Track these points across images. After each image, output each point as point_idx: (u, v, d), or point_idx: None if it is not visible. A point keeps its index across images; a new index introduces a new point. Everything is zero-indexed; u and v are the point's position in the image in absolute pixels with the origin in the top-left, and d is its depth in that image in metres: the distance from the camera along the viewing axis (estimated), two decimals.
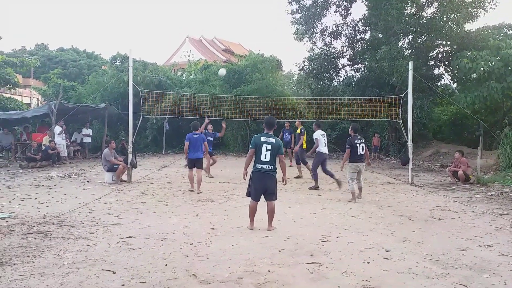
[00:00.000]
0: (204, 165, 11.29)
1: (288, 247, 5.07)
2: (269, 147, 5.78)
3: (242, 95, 17.34)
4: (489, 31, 16.69)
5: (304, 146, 11.86)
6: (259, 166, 5.80)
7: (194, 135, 9.48)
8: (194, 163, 9.44)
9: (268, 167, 5.76)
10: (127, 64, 12.12)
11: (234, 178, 11.44)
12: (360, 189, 8.63)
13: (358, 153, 8.32)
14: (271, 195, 5.89)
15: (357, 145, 8.32)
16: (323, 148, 9.92)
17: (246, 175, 6.04)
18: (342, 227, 6.20)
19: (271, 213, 5.94)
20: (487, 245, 5.27)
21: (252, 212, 6.00)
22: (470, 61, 14.14)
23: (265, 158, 5.76)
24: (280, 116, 17.34)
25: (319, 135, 9.90)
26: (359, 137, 8.47)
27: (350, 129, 8.70)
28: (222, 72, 17.48)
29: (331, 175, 9.88)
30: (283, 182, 6.15)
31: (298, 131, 11.81)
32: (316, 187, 9.96)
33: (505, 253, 4.94)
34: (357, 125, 8.82)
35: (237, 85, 20.42)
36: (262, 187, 5.83)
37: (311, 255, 4.79)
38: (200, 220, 6.53)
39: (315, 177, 10.02)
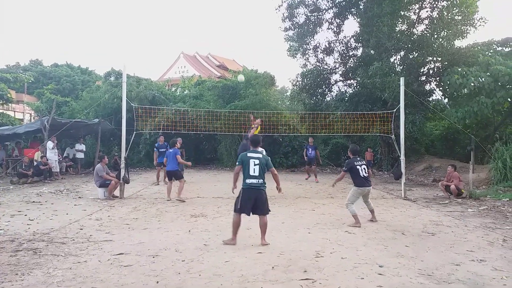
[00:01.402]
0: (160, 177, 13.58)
1: (282, 263, 5.03)
2: (257, 161, 5.89)
3: (236, 110, 17.38)
4: (479, 47, 16.99)
5: None
6: (249, 181, 5.85)
7: (169, 150, 10.73)
8: (171, 175, 10.62)
9: (258, 181, 5.82)
10: (121, 79, 12.16)
11: (228, 193, 11.34)
12: (372, 211, 7.90)
13: (362, 176, 7.57)
14: (262, 209, 5.91)
15: (358, 167, 7.60)
16: None
17: (236, 189, 6.15)
18: (336, 242, 6.17)
19: (263, 227, 5.94)
20: (480, 260, 5.26)
21: (236, 226, 5.99)
22: (460, 76, 14.34)
23: (254, 172, 5.84)
24: (273, 130, 17.39)
25: None
26: (359, 158, 7.81)
27: (348, 151, 7.99)
28: (241, 78, 18.50)
29: None
30: (278, 191, 6.30)
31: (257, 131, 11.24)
32: None
33: (498, 267, 4.94)
34: (357, 146, 8.21)
35: (231, 100, 20.50)
36: (253, 201, 5.85)
37: (305, 271, 4.75)
38: (192, 236, 6.47)
39: None
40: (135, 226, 7.25)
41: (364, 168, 7.67)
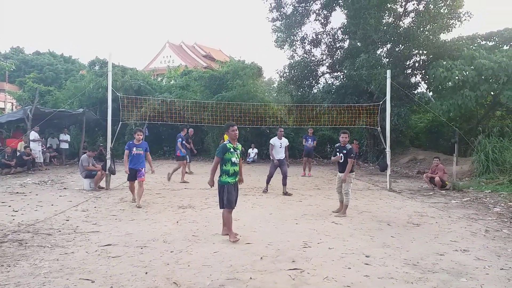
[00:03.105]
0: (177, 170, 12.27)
1: (270, 254, 5.07)
2: None
3: (223, 101, 17.30)
4: (464, 41, 17.24)
5: None
6: None
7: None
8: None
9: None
10: (106, 69, 11.97)
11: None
12: (344, 203, 7.84)
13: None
14: None
15: None
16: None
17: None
18: (323, 233, 6.24)
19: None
20: (464, 250, 5.40)
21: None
22: (445, 70, 14.53)
23: None
24: (261, 122, 17.39)
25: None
26: None
27: (348, 138, 7.75)
28: None
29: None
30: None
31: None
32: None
33: (481, 257, 5.07)
34: None
35: (218, 91, 20.38)
36: None
37: (293, 261, 4.80)
38: (180, 227, 6.46)
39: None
40: (122, 217, 7.20)
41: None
